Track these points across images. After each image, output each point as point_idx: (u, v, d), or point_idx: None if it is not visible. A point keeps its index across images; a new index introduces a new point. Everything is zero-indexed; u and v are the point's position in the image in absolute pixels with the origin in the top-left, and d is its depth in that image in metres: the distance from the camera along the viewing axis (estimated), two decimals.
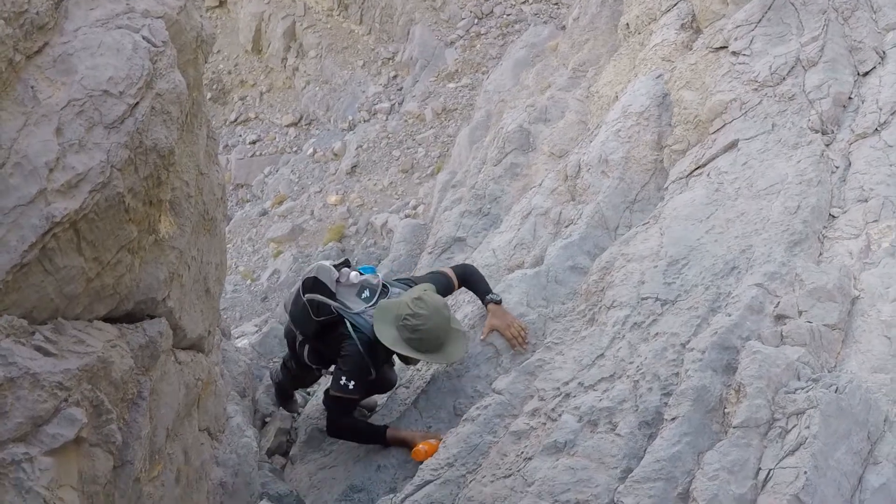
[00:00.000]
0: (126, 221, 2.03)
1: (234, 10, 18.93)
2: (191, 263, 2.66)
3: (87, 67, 1.93)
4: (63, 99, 1.88)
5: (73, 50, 1.94)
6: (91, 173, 1.86)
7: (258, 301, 12.15)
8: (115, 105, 1.93)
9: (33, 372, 1.78)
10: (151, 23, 2.14)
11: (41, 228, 1.78)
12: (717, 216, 4.21)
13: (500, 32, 15.72)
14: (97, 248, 1.97)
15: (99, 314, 2.14)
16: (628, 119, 6.17)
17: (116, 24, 2.06)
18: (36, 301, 1.88)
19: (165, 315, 2.54)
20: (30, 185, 1.79)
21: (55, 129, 1.84)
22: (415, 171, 14.34)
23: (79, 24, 2.01)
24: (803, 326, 3.18)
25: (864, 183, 4.11)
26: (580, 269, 4.96)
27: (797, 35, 5.50)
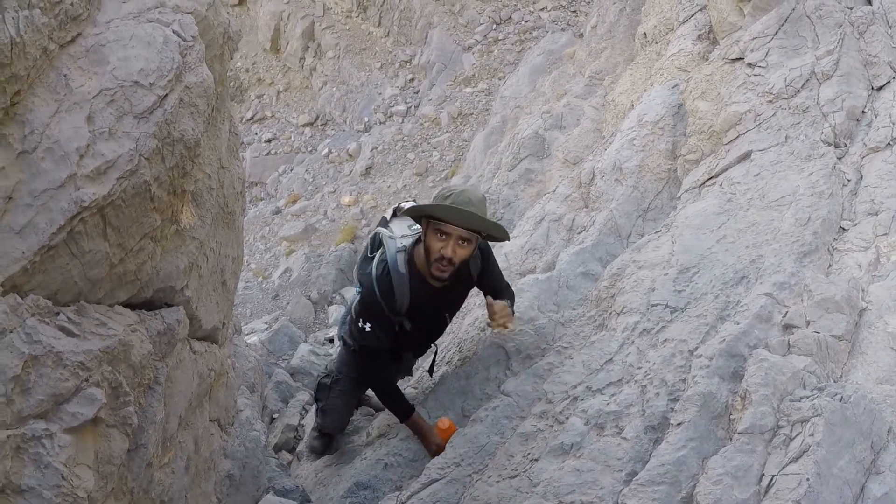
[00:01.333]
0: (151, 210, 2.08)
1: (253, 8, 19.07)
2: (209, 255, 2.71)
3: (119, 59, 1.99)
4: (95, 88, 1.94)
5: (106, 41, 2.00)
6: (120, 161, 1.92)
7: (269, 299, 12.23)
8: (145, 96, 1.99)
9: (57, 351, 1.83)
10: (181, 18, 2.20)
11: (69, 212, 1.84)
12: (728, 226, 4.24)
13: (518, 38, 15.80)
14: (122, 234, 2.02)
15: (120, 300, 2.19)
16: (643, 128, 6.20)
17: (148, 17, 2.12)
18: (61, 283, 1.93)
19: (183, 304, 2.60)
20: (60, 169, 1.85)
21: (86, 117, 1.89)
22: (429, 175, 14.42)
23: (111, 17, 2.06)
24: (810, 336, 3.21)
25: (875, 196, 4.14)
26: (592, 275, 4.99)
27: (813, 48, 5.53)
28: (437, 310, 4.27)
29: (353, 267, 13.42)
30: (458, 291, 4.34)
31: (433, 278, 3.90)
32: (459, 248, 3.76)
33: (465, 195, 3.74)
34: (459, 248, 3.76)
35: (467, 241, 3.79)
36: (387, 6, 16.88)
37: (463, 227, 3.70)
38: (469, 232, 3.75)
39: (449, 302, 4.33)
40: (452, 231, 3.71)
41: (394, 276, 3.95)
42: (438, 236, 3.74)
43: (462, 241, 3.76)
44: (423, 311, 4.10)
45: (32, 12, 1.79)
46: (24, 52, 1.77)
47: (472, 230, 3.77)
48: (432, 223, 3.77)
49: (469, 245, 3.81)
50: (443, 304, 4.27)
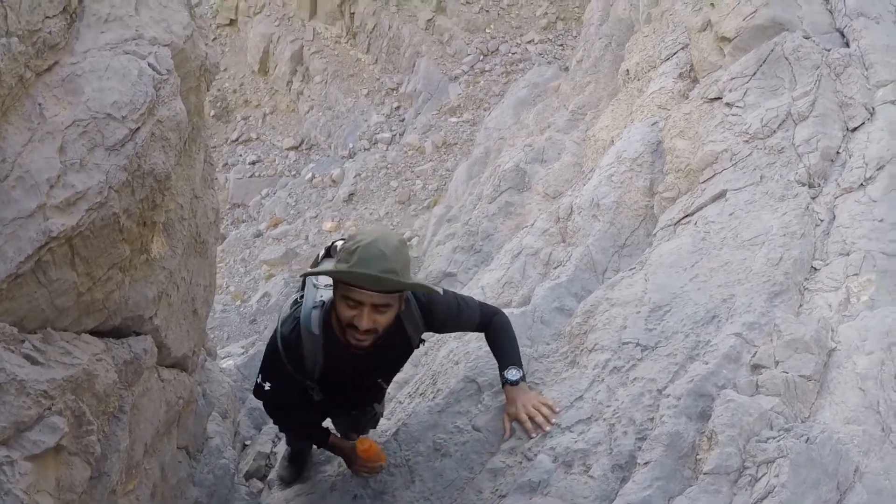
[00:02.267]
0: (119, 241, 2.09)
1: (243, 29, 19.17)
2: (180, 284, 2.72)
3: (94, 90, 2.01)
4: (68, 118, 1.95)
5: (82, 71, 2.02)
6: (89, 192, 1.93)
7: (246, 323, 12.19)
8: (117, 128, 2.00)
9: (20, 379, 1.83)
10: (158, 50, 2.22)
11: (38, 242, 1.85)
12: (701, 265, 4.28)
13: (504, 70, 15.95)
14: (90, 264, 2.03)
15: (87, 327, 2.19)
16: (622, 164, 6.27)
17: (124, 49, 2.14)
18: (27, 310, 1.94)
19: (151, 333, 2.60)
20: (30, 199, 1.86)
21: (58, 148, 1.91)
22: (411, 203, 14.48)
23: (89, 46, 2.09)
24: (778, 377, 3.24)
25: (846, 237, 4.19)
26: (566, 310, 5.01)
27: (790, 89, 5.62)
28: (364, 377, 3.67)
29: None
30: (394, 355, 3.71)
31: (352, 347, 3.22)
32: (377, 315, 3.09)
33: (375, 247, 2.98)
34: (377, 316, 3.10)
35: (385, 306, 3.12)
36: (376, 33, 17.01)
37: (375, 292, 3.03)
38: (385, 296, 3.08)
39: (381, 368, 3.72)
40: (365, 298, 3.02)
41: (304, 337, 3.26)
42: (348, 303, 3.06)
43: (379, 308, 3.09)
44: (343, 381, 3.53)
45: (10, 40, 1.81)
46: (0, 80, 1.79)
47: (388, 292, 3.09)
48: (340, 285, 3.07)
49: (389, 309, 3.15)
50: (372, 371, 3.66)
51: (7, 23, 1.80)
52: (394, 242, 3.06)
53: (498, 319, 3.88)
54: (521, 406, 3.66)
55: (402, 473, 4.17)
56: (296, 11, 17.67)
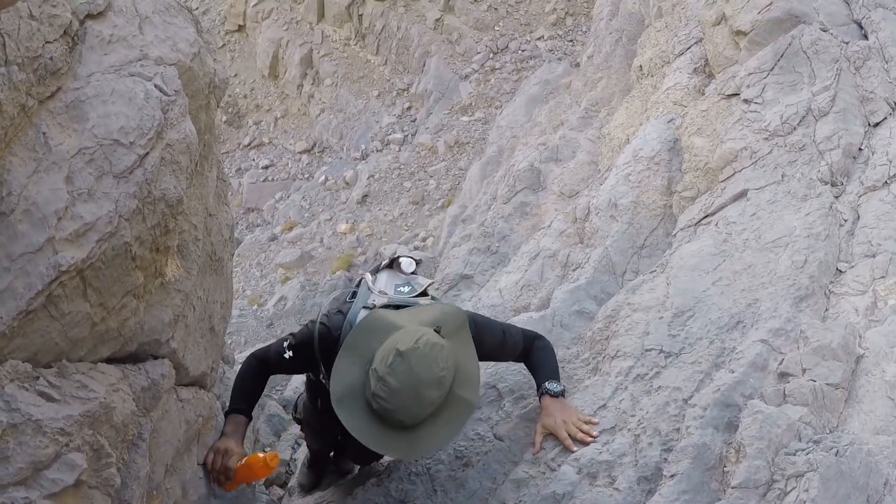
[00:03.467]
0: (132, 269, 2.04)
1: (252, 34, 19.18)
2: (196, 304, 2.67)
3: (99, 115, 1.96)
4: (74, 146, 1.90)
5: (86, 97, 1.97)
6: (99, 223, 1.88)
7: (263, 327, 12.18)
8: (125, 155, 1.95)
9: (36, 419, 1.79)
10: (164, 71, 2.16)
11: (48, 277, 1.80)
12: (724, 268, 4.20)
13: (515, 67, 15.86)
14: (103, 294, 1.98)
15: (102, 356, 2.15)
16: (639, 163, 6.18)
17: (129, 71, 2.09)
18: (40, 345, 1.89)
19: (168, 355, 2.55)
20: (38, 232, 1.81)
21: (65, 177, 1.86)
22: (425, 203, 14.43)
23: (92, 70, 2.03)
24: (806, 386, 3.17)
25: (871, 238, 4.11)
26: (586, 313, 4.95)
27: (809, 84, 5.52)
28: None
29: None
30: None
31: None
32: None
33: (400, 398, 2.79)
34: None
35: None
36: (385, 34, 16.96)
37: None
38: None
39: None
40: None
41: (345, 330, 3.28)
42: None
43: None
44: None
45: (10, 69, 1.76)
46: (1, 111, 1.74)
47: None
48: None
49: None
50: None
51: (6, 51, 1.75)
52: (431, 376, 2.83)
53: (540, 343, 3.81)
54: (560, 422, 3.53)
55: (424, 482, 4.12)
56: (303, 15, 17.65)
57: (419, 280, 3.78)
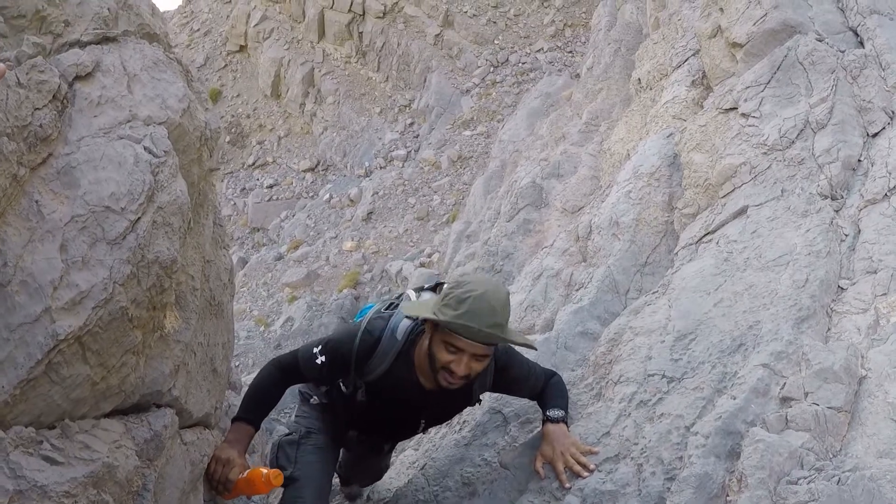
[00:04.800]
0: (130, 329, 2.07)
1: (254, 54, 19.28)
2: (197, 350, 2.69)
3: (90, 182, 1.98)
4: (66, 214, 1.92)
5: (77, 162, 1.99)
6: (94, 290, 1.91)
7: (271, 348, 12.21)
8: (117, 221, 1.97)
9: (41, 484, 1.81)
10: (153, 131, 2.18)
11: (46, 346, 1.82)
12: (725, 288, 4.20)
13: (516, 80, 15.89)
14: (102, 355, 2.01)
15: (105, 411, 2.17)
16: (639, 180, 6.19)
17: (119, 133, 2.11)
18: (43, 408, 1.92)
19: (171, 403, 2.57)
20: (35, 303, 1.83)
21: (59, 246, 1.89)
22: (430, 219, 14.45)
23: (82, 134, 2.06)
24: (808, 411, 3.16)
25: (872, 253, 4.10)
26: (590, 334, 4.95)
27: (806, 96, 5.52)
28: (409, 410, 3.61)
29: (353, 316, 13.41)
30: (450, 403, 3.71)
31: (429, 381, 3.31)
32: (474, 363, 3.15)
33: (486, 300, 3.04)
34: (474, 363, 3.15)
35: (484, 356, 3.19)
36: (385, 51, 17.01)
37: (481, 343, 3.10)
38: (486, 346, 3.16)
39: (431, 410, 3.68)
40: (467, 347, 3.09)
41: (385, 337, 3.35)
42: (448, 348, 3.11)
43: (478, 357, 3.15)
44: (391, 399, 3.46)
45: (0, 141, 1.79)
46: None
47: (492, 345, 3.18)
48: (440, 330, 3.13)
49: (485, 359, 3.23)
50: (420, 408, 3.62)
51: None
52: (503, 297, 3.15)
53: (555, 379, 3.88)
54: (558, 453, 3.51)
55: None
56: (304, 34, 17.73)
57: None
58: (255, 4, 19.01)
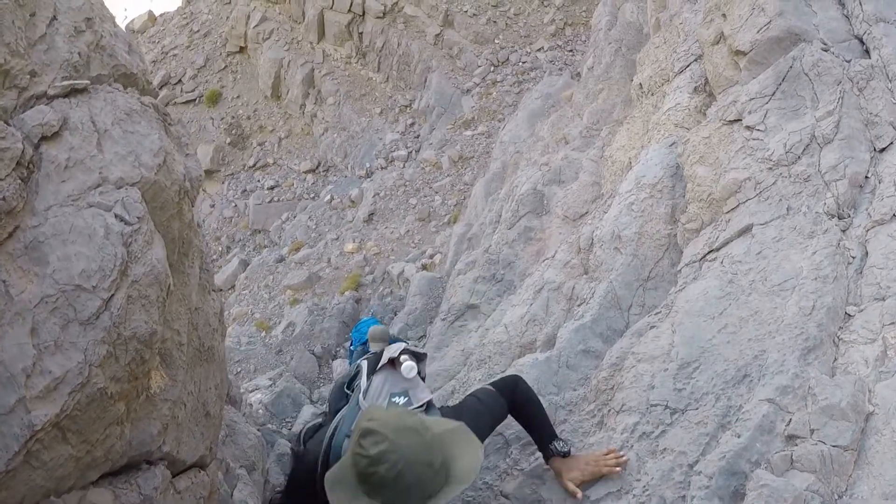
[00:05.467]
0: (111, 404, 1.99)
1: (254, 56, 19.18)
2: (188, 400, 2.61)
3: (59, 258, 1.89)
4: (36, 295, 1.84)
5: (45, 237, 1.90)
6: (69, 375, 1.83)
7: (273, 354, 12.10)
8: (89, 300, 1.89)
9: None
10: (126, 195, 2.08)
11: (23, 437, 1.75)
12: (730, 313, 4.12)
13: (516, 80, 15.78)
14: (84, 433, 1.93)
15: (91, 479, 2.09)
16: (641, 191, 6.10)
17: (88, 200, 2.01)
18: (26, 491, 1.85)
19: (162, 457, 2.49)
20: (8, 394, 1.76)
21: (30, 330, 1.80)
22: (431, 220, 14.36)
23: (49, 203, 1.96)
24: (813, 451, 3.08)
25: (881, 279, 4.01)
26: (593, 352, 4.88)
27: (812, 108, 5.42)
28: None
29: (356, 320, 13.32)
30: None
31: None
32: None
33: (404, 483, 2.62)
34: None
35: None
36: (385, 51, 16.90)
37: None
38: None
39: None
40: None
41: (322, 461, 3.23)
42: None
43: None
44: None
45: None
46: None
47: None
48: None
49: None
50: None
51: None
52: (422, 464, 2.66)
53: (520, 391, 3.79)
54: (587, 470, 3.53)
55: None
56: (304, 35, 17.61)
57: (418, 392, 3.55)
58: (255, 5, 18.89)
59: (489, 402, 3.61)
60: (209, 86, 18.89)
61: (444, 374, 7.14)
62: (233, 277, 16.06)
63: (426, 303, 11.72)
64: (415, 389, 3.52)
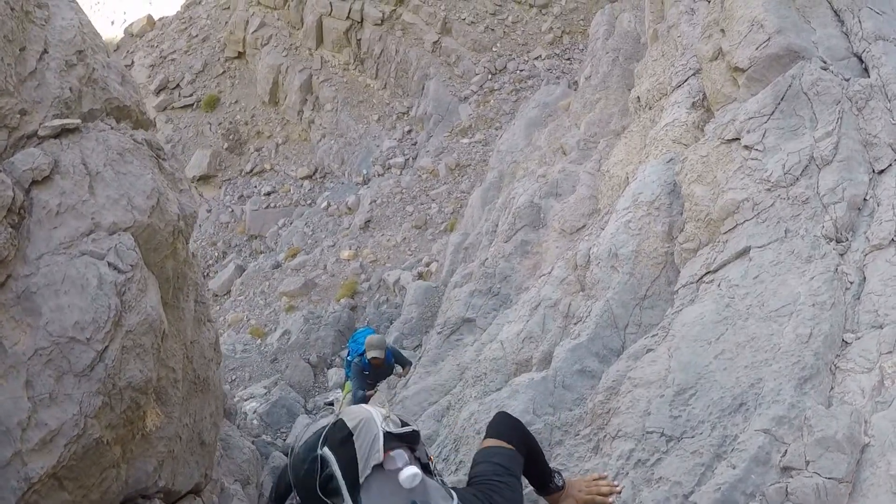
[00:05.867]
0: (107, 450, 1.97)
1: (252, 61, 19.14)
2: (183, 433, 2.59)
3: (52, 309, 1.87)
4: (30, 347, 1.82)
5: (37, 287, 1.88)
6: (65, 427, 1.81)
7: (268, 362, 12.11)
8: (83, 352, 1.87)
9: None
10: (119, 242, 2.05)
11: (20, 490, 1.73)
12: (726, 338, 4.11)
13: (514, 88, 15.77)
14: (80, 479, 1.91)
15: None
16: (639, 209, 6.09)
17: (81, 248, 1.98)
18: None
19: (157, 490, 2.47)
20: (4, 448, 1.74)
21: (24, 383, 1.78)
22: (428, 227, 14.35)
23: (41, 251, 1.93)
24: (808, 484, 3.08)
25: (878, 306, 4.00)
26: (589, 372, 4.87)
27: (811, 128, 5.41)
28: None
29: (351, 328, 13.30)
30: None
31: None
32: None
33: None
34: None
35: None
36: (383, 58, 16.86)
37: None
38: None
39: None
40: None
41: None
42: None
43: None
44: None
45: None
46: None
47: None
48: None
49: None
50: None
51: None
52: None
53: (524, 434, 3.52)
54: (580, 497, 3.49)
55: None
56: (302, 41, 17.57)
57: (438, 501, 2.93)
58: (254, 11, 18.86)
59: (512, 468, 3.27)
60: (207, 91, 18.86)
61: (440, 388, 7.12)
62: (229, 283, 16.02)
63: (422, 312, 11.70)
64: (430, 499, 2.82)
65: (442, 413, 6.55)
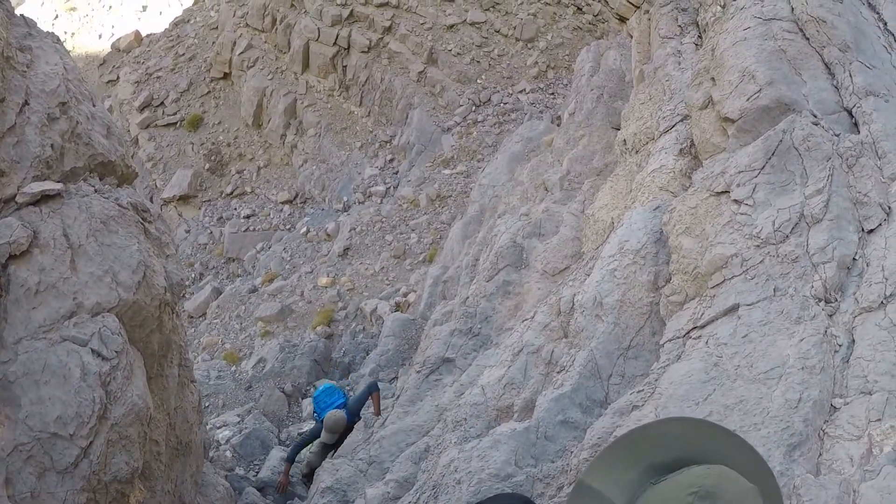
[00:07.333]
0: None
1: (237, 82, 19.07)
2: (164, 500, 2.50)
3: (32, 401, 1.77)
4: (9, 442, 1.73)
5: (15, 376, 1.78)
6: None
7: (242, 390, 11.93)
8: (66, 448, 1.78)
9: None
10: (103, 325, 1.96)
11: None
12: (714, 399, 4.06)
13: (497, 120, 15.80)
14: None
15: None
16: (624, 257, 6.06)
17: (62, 333, 1.88)
18: None
19: None
20: None
21: (4, 480, 1.69)
22: (407, 257, 14.27)
23: (20, 334, 1.83)
24: None
25: (867, 371, 3.97)
26: (571, 423, 4.81)
27: (801, 185, 5.39)
28: None
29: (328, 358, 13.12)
30: None
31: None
32: None
33: None
34: None
35: None
36: (368, 86, 16.86)
37: None
38: None
39: None
40: None
41: None
42: None
43: None
44: None
45: None
46: None
47: None
48: None
49: None
50: None
51: None
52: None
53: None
54: None
55: None
56: (288, 65, 17.55)
57: None
58: (241, 33, 18.81)
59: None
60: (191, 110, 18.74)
61: (418, 429, 7.03)
62: (205, 305, 15.83)
63: (398, 344, 11.60)
64: None
65: (420, 455, 6.45)
